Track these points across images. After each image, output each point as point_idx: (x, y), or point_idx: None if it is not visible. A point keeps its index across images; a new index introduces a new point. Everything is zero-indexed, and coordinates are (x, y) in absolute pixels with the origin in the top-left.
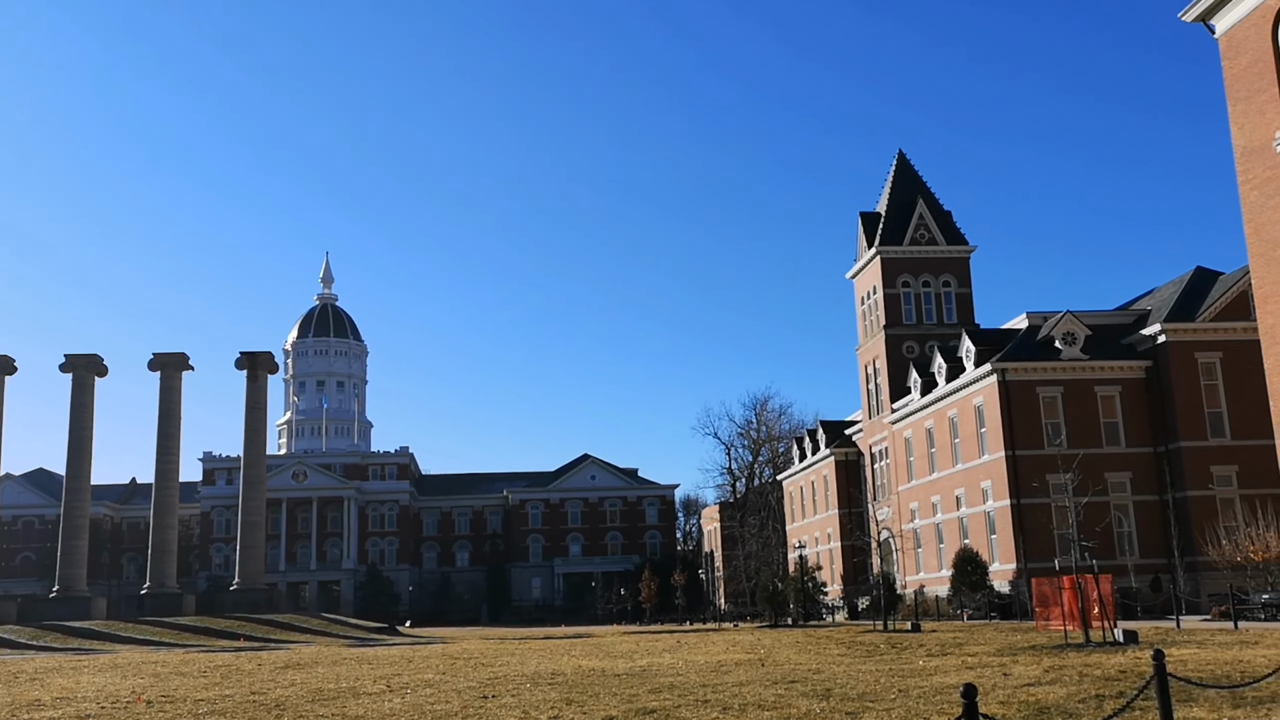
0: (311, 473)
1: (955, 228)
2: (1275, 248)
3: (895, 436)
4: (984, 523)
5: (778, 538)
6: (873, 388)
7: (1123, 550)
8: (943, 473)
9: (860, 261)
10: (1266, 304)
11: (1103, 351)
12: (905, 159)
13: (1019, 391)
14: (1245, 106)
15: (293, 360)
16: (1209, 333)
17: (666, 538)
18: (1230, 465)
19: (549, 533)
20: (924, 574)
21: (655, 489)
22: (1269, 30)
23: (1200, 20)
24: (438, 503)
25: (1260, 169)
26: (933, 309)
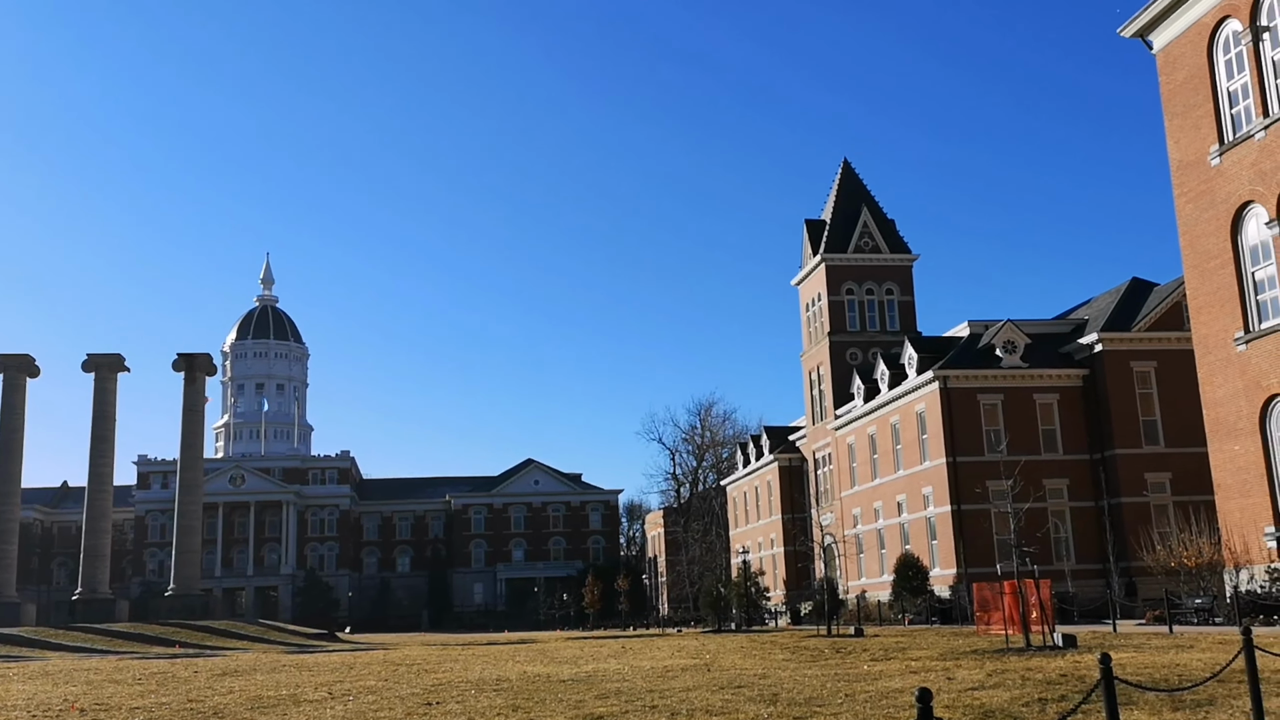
0: (250, 477)
1: (899, 236)
2: (1209, 260)
3: (839, 442)
4: (925, 528)
5: (721, 543)
6: (817, 394)
7: (1060, 555)
8: (885, 479)
9: (805, 269)
10: (1200, 314)
11: (1042, 360)
12: (850, 168)
13: (960, 399)
14: (1181, 121)
15: (231, 362)
16: (1144, 342)
17: (610, 543)
18: (1164, 472)
19: (492, 538)
20: (866, 579)
21: (599, 494)
22: (1204, 48)
23: (1139, 36)
24: (379, 507)
25: (1195, 183)
26: (876, 316)
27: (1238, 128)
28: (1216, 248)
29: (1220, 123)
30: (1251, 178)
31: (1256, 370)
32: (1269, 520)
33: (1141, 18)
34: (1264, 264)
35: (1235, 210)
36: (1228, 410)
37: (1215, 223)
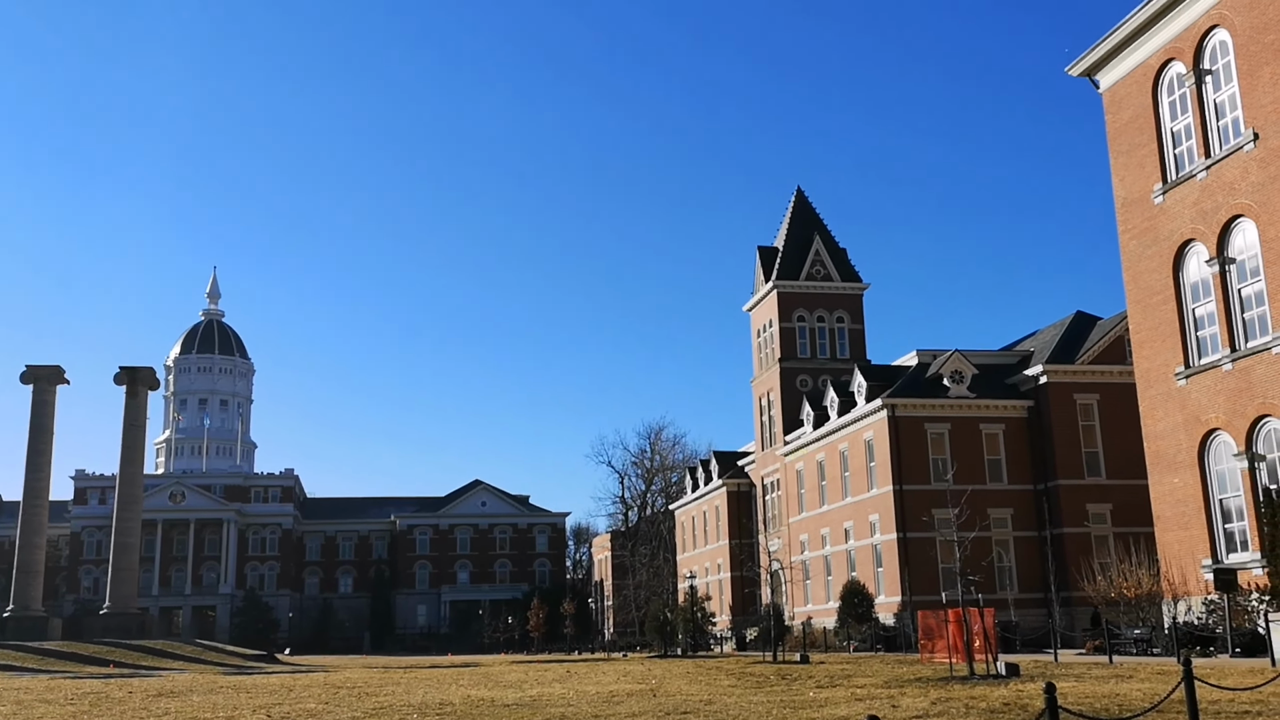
0: (190, 494)
1: (850, 265)
2: (1152, 295)
3: (787, 469)
4: (871, 555)
5: (668, 567)
6: (766, 420)
7: (1004, 585)
8: (832, 505)
9: (757, 295)
10: (1142, 349)
11: (988, 390)
12: (804, 196)
13: (908, 427)
14: (1126, 160)
15: (175, 377)
16: (1087, 375)
17: (556, 566)
18: (1105, 503)
19: (437, 559)
20: (812, 605)
21: (547, 516)
22: (1149, 88)
23: (1086, 75)
24: (322, 527)
25: (1139, 220)
26: (826, 344)
27: (1180, 167)
28: (1159, 284)
29: (1164, 162)
30: (1193, 216)
31: (1196, 405)
32: (1206, 553)
33: (1089, 58)
34: (1204, 301)
35: (1177, 247)
36: (1168, 443)
37: (1158, 259)
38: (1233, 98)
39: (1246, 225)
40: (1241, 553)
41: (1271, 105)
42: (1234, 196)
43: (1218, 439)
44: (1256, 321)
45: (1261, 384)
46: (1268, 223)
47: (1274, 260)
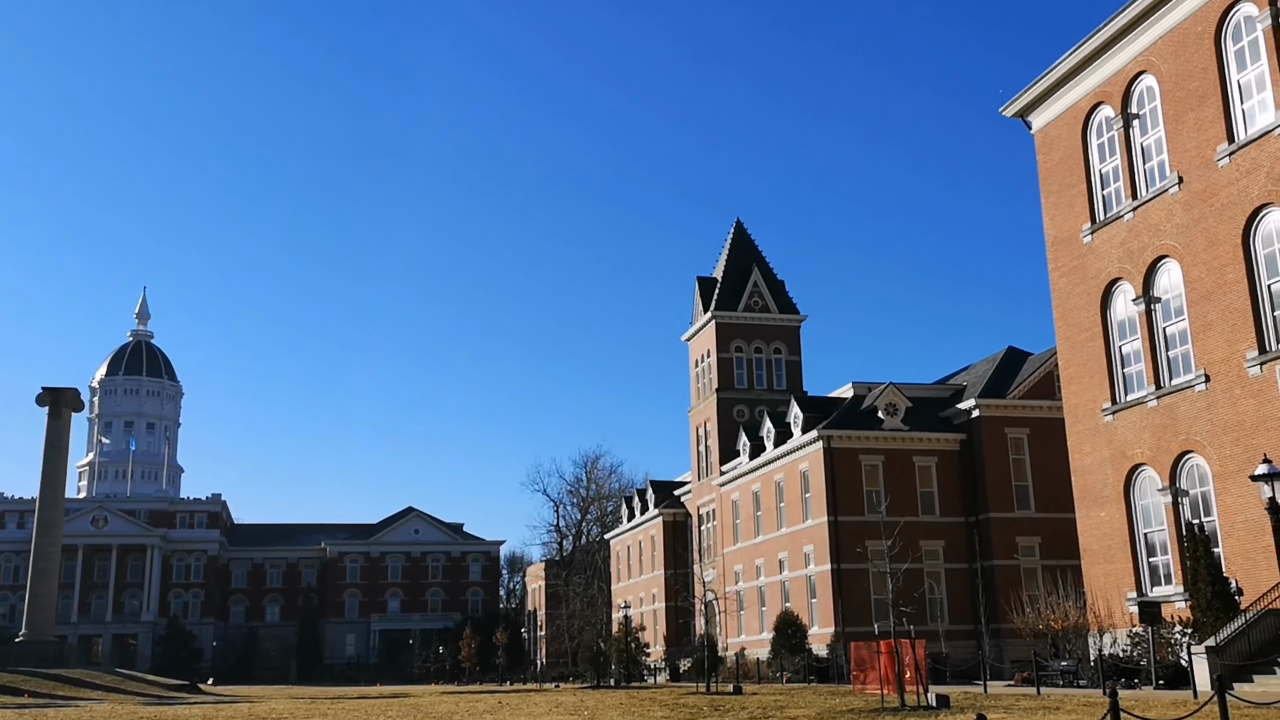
0: (113, 518)
1: (788, 297)
2: (1080, 332)
3: (723, 498)
4: (805, 586)
5: (603, 597)
6: (703, 449)
7: (935, 616)
8: (767, 536)
9: (696, 325)
10: (1071, 384)
11: (922, 423)
12: (743, 227)
13: (843, 459)
14: (1056, 199)
15: (100, 398)
16: (1018, 409)
17: (490, 595)
18: (1034, 536)
19: (367, 588)
20: (746, 636)
21: (480, 545)
22: (1079, 130)
23: (1019, 116)
24: (250, 554)
25: (1068, 258)
26: (764, 374)
27: (1109, 208)
28: (1087, 321)
29: (1093, 202)
30: (1120, 256)
31: (1122, 440)
32: (1131, 586)
33: (1022, 99)
34: (1130, 338)
35: (1105, 286)
36: (1095, 478)
37: (1086, 297)
38: (1159, 141)
39: (1171, 265)
40: (1165, 586)
41: (1195, 150)
42: (1159, 237)
43: (1143, 474)
44: (1180, 360)
45: (1185, 421)
46: (1191, 263)
47: (1197, 300)
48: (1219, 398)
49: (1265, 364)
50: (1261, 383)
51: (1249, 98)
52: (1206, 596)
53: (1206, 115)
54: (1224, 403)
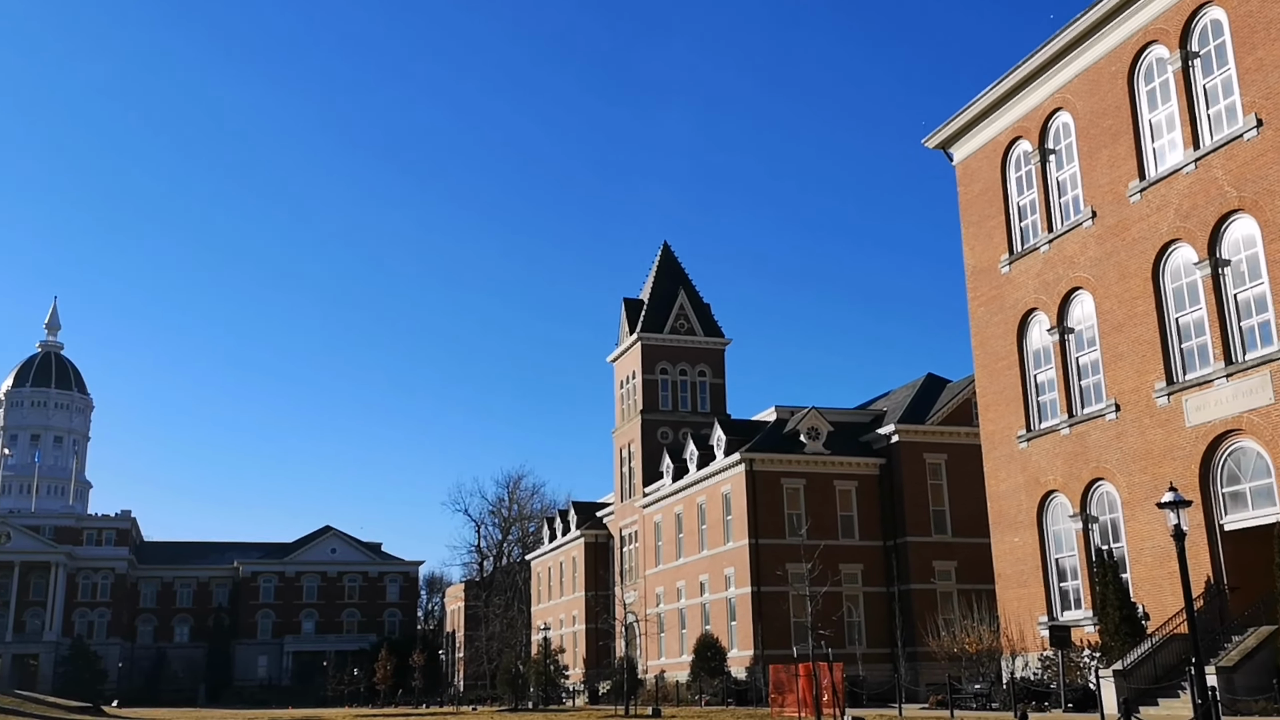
0: (16, 534)
1: (713, 320)
2: (997, 360)
3: (645, 520)
4: (726, 609)
5: (523, 619)
6: (626, 471)
7: (853, 639)
8: (689, 558)
9: (621, 346)
10: (988, 411)
11: (843, 447)
12: (670, 251)
13: (765, 482)
14: (976, 230)
15: (5, 410)
16: (936, 435)
17: (407, 616)
18: (950, 561)
19: (281, 608)
20: (666, 659)
21: (399, 565)
22: (999, 163)
23: (941, 148)
24: (159, 572)
25: (986, 288)
26: (688, 397)
27: (1026, 240)
28: (1004, 350)
29: (1010, 234)
30: (1036, 287)
31: (1036, 467)
32: (1043, 610)
33: (944, 131)
34: (1045, 368)
35: (1021, 316)
36: (1010, 504)
37: (1003, 326)
38: (1074, 176)
39: (1084, 297)
40: (1075, 610)
41: (1108, 185)
42: (1073, 269)
43: (1055, 500)
44: (1092, 389)
45: (1096, 449)
46: (1103, 296)
47: (1109, 331)
48: (1128, 427)
49: (1172, 394)
50: (1169, 412)
51: (1160, 136)
52: (1114, 621)
53: (1119, 152)
54: (1133, 432)
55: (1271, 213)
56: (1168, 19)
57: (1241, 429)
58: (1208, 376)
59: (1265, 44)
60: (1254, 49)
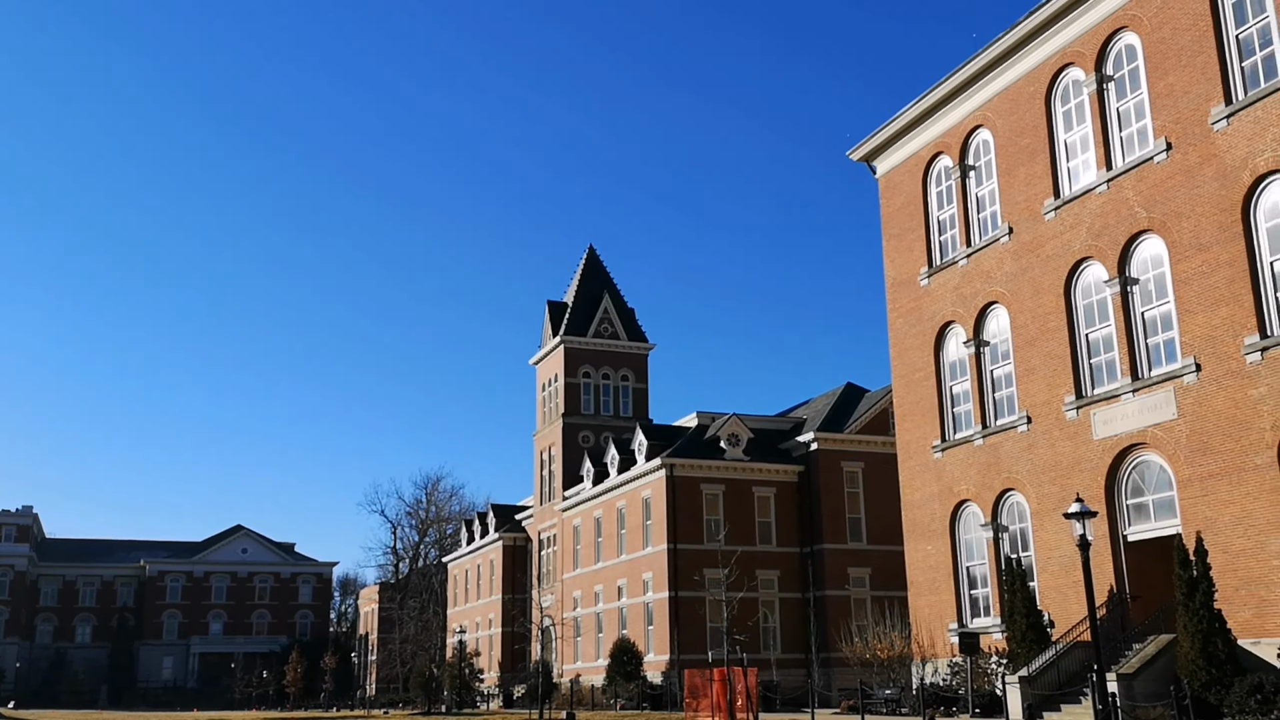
0: None
1: (637, 325)
2: (914, 371)
3: (565, 524)
4: (643, 613)
5: (438, 622)
6: (547, 474)
7: (768, 645)
8: (608, 562)
9: (544, 349)
10: (904, 421)
11: (762, 454)
12: (595, 254)
13: (685, 487)
14: (897, 243)
15: None
16: (854, 444)
17: (320, 618)
18: (865, 568)
19: (189, 608)
20: (582, 663)
21: (312, 566)
22: (920, 177)
23: (865, 161)
24: (61, 570)
25: (906, 300)
26: (610, 401)
27: (945, 253)
28: (921, 361)
29: (930, 247)
30: (954, 300)
31: (950, 477)
32: (953, 617)
33: (867, 145)
34: (960, 379)
35: (939, 328)
36: (923, 512)
37: (921, 338)
38: (992, 193)
39: (1000, 311)
40: (984, 618)
41: (1025, 203)
42: (990, 284)
43: (967, 509)
44: (1005, 401)
45: (1007, 460)
46: (1018, 310)
47: (1022, 345)
48: (1039, 439)
49: (1080, 408)
50: (1077, 425)
51: (1074, 156)
52: (1021, 628)
53: (1036, 171)
54: (1043, 443)
55: (1178, 233)
56: (1085, 42)
57: (1146, 443)
58: (1115, 391)
59: (1176, 70)
60: (1165, 75)
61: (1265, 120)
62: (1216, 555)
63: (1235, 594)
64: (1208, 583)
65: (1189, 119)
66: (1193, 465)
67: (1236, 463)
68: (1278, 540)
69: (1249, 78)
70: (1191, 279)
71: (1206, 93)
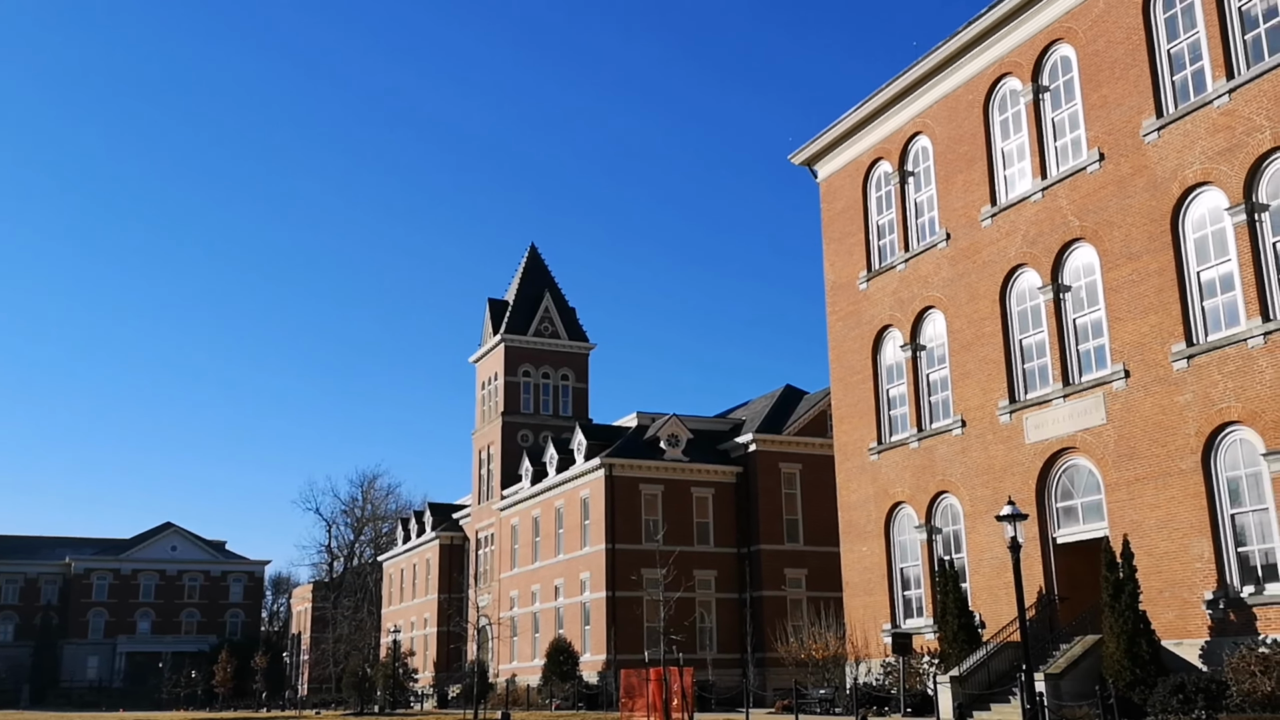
0: None
1: (578, 324)
2: (852, 374)
3: (503, 523)
4: (580, 613)
5: (372, 621)
6: (485, 473)
7: (704, 645)
8: (545, 562)
9: (485, 347)
10: (842, 424)
11: (702, 455)
12: (537, 252)
13: (624, 487)
14: (837, 246)
15: None
16: (792, 445)
17: (251, 617)
18: (801, 569)
19: (115, 607)
20: (518, 663)
21: (244, 564)
22: (860, 183)
23: (806, 165)
24: None
25: (845, 303)
26: (550, 400)
27: (884, 258)
28: (859, 364)
29: (869, 252)
30: (892, 304)
31: (886, 479)
32: (887, 618)
33: (808, 149)
34: (897, 382)
35: (877, 332)
36: (859, 514)
37: (860, 341)
38: (931, 199)
39: (936, 316)
40: (917, 618)
41: (962, 209)
42: (927, 289)
43: (902, 511)
44: (940, 405)
45: (942, 463)
46: (954, 315)
47: (958, 350)
48: (973, 442)
49: (1014, 412)
50: (1010, 430)
51: (1011, 165)
52: (953, 629)
53: (973, 178)
54: (977, 447)
55: (1110, 242)
56: (1022, 53)
57: (1076, 447)
58: (1047, 396)
59: (1109, 82)
60: (1099, 86)
61: (1194, 133)
62: (1142, 558)
63: (1159, 596)
64: (1133, 585)
65: (1121, 130)
66: (1120, 469)
67: (1162, 467)
68: (1200, 543)
69: (1179, 91)
70: (1122, 287)
71: (1139, 105)
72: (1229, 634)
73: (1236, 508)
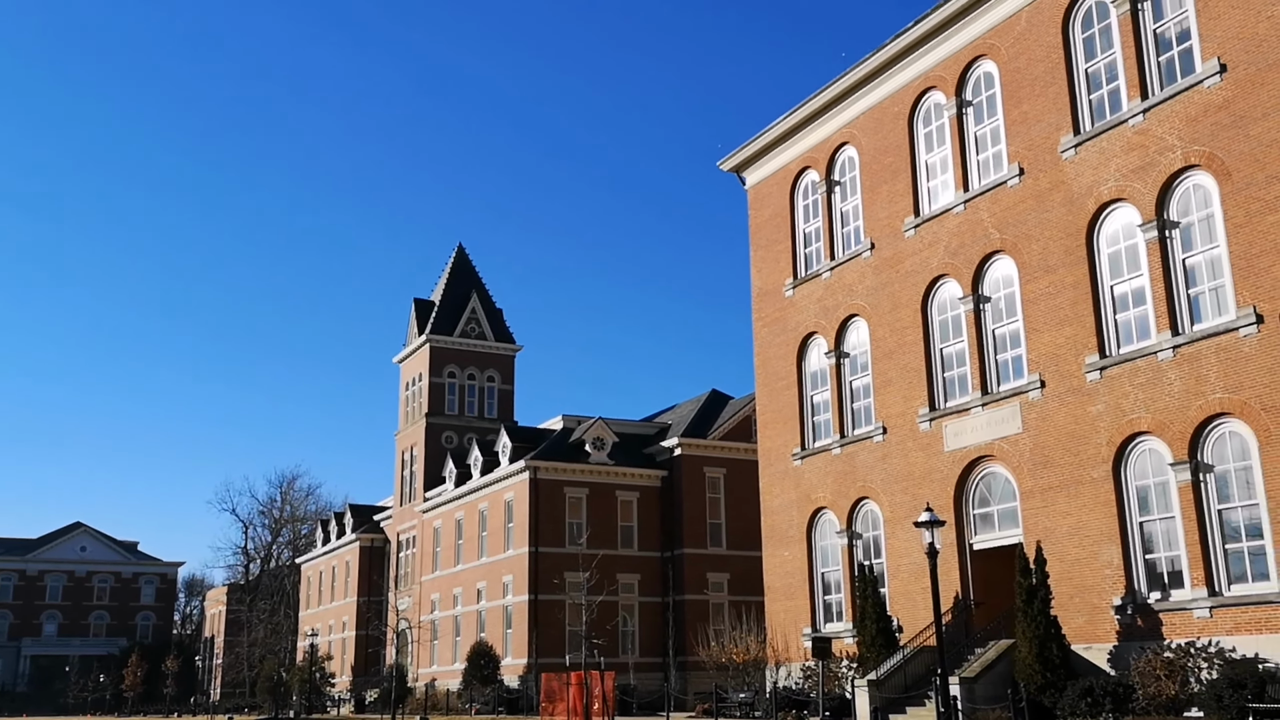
0: None
1: (505, 326)
2: (777, 380)
3: (425, 525)
4: (502, 616)
5: (289, 624)
6: (408, 474)
7: (626, 648)
8: (467, 565)
9: (410, 347)
10: (766, 429)
11: (627, 459)
12: (464, 253)
13: (548, 490)
14: (764, 253)
15: None
16: (717, 450)
17: (163, 620)
18: (724, 573)
19: (20, 608)
20: (438, 666)
21: (156, 566)
22: (788, 190)
23: (735, 172)
24: None
25: (771, 310)
26: (476, 402)
27: (810, 265)
28: (784, 370)
29: (796, 259)
30: (817, 312)
31: (808, 484)
32: (808, 622)
33: (737, 156)
34: (821, 389)
35: (802, 339)
36: (782, 519)
37: (785, 348)
38: (856, 208)
39: (860, 324)
40: (837, 622)
41: (886, 220)
42: (851, 297)
43: (824, 517)
44: (862, 412)
45: (863, 469)
46: (877, 323)
47: (880, 358)
48: (893, 449)
49: (934, 420)
50: (930, 437)
51: (934, 177)
52: (871, 633)
53: (898, 189)
54: (897, 454)
55: (1028, 255)
56: (946, 67)
57: (993, 455)
58: (965, 405)
59: (1030, 99)
60: (1020, 103)
61: (1109, 151)
62: (1054, 564)
63: (1070, 601)
64: (1045, 590)
65: (1040, 146)
66: (1035, 477)
67: (1074, 476)
68: (1109, 550)
69: (1096, 110)
70: (1039, 299)
71: (1057, 122)
72: (1136, 639)
73: (1145, 516)
